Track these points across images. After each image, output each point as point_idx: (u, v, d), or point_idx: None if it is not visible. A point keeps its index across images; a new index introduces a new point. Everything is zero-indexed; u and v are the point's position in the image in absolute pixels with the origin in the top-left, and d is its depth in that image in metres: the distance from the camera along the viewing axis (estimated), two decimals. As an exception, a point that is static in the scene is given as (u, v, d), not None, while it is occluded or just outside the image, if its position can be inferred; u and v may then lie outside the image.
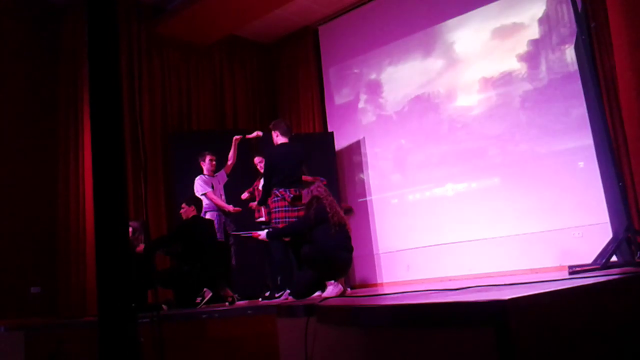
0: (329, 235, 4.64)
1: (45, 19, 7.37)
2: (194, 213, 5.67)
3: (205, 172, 6.21)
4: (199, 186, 6.11)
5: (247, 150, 6.80)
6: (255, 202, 6.08)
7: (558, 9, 6.38)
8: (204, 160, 6.23)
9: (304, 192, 4.89)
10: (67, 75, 7.28)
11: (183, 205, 5.72)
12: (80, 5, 7.10)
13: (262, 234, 5.01)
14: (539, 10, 6.61)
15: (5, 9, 6.96)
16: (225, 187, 6.34)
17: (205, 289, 5.31)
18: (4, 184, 6.64)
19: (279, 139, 5.33)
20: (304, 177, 5.44)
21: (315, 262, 4.60)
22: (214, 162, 6.25)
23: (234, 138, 6.30)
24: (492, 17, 7.02)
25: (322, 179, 5.77)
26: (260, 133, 5.79)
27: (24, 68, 7.10)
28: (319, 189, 4.87)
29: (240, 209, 6.21)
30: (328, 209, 4.73)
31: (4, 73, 6.87)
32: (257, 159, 6.25)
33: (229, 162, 6.34)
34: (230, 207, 6.11)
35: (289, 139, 5.35)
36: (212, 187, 6.14)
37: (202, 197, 6.01)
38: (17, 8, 7.11)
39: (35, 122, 7.12)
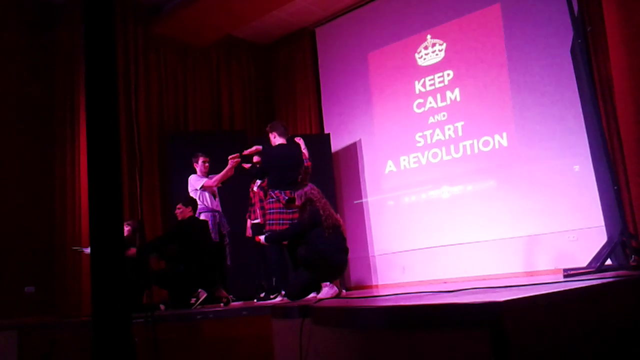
0: (324, 238, 4.65)
1: (41, 18, 7.36)
2: (190, 214, 5.66)
3: (198, 173, 6.20)
4: (194, 181, 6.09)
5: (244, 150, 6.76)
6: (248, 170, 5.99)
7: (554, 13, 6.39)
8: (197, 162, 6.20)
9: (298, 193, 4.88)
10: (64, 75, 7.27)
11: (180, 205, 5.69)
12: (77, 5, 7.09)
13: (262, 238, 5.07)
14: (535, 13, 6.62)
15: (1, 10, 6.94)
16: (219, 189, 6.31)
17: (200, 290, 5.30)
18: (1, 184, 6.62)
19: (276, 140, 5.33)
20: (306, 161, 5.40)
21: (311, 263, 4.61)
22: (207, 164, 6.22)
23: (230, 158, 5.99)
24: (488, 20, 7.04)
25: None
26: (259, 147, 5.65)
27: (20, 68, 7.08)
28: (312, 191, 4.86)
29: (239, 158, 5.96)
30: (321, 212, 4.73)
31: (0, 73, 6.85)
32: (255, 159, 6.23)
33: (222, 174, 6.17)
34: (232, 164, 5.92)
35: (287, 140, 5.36)
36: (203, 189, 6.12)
37: (200, 192, 5.98)
38: (13, 8, 7.09)
39: (31, 122, 7.10)
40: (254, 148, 5.70)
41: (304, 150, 5.41)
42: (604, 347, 1.95)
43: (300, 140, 5.50)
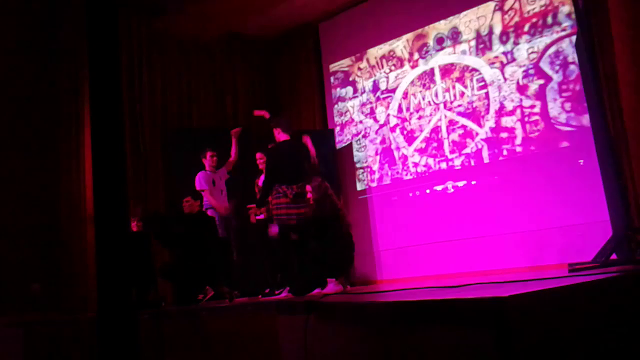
0: (341, 232, 4.65)
1: (45, 15, 7.36)
2: (198, 208, 5.71)
3: (207, 168, 6.22)
4: (198, 183, 6.12)
5: (248, 146, 6.78)
6: (254, 205, 6.05)
7: (559, 5, 6.37)
8: (205, 157, 6.22)
9: (313, 185, 4.82)
10: (68, 72, 7.28)
11: (189, 198, 5.75)
12: (81, 2, 7.09)
13: (276, 230, 4.93)
14: (540, 6, 6.59)
15: (5, 8, 6.95)
16: (227, 183, 6.33)
17: (207, 287, 5.32)
18: (6, 180, 6.65)
19: (280, 135, 5.32)
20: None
21: (319, 258, 4.60)
22: (215, 158, 6.24)
23: (232, 132, 6.26)
24: (492, 14, 7.01)
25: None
26: (267, 115, 5.68)
27: (25, 66, 7.09)
28: (325, 183, 4.86)
29: (231, 210, 6.17)
30: (339, 206, 4.75)
31: (5, 70, 6.87)
32: (258, 155, 6.24)
33: (230, 159, 6.33)
34: (223, 209, 6.07)
35: (290, 136, 5.35)
36: (214, 183, 6.14)
37: (202, 193, 6.03)
38: (17, 7, 7.10)
39: (36, 119, 7.12)
40: (262, 112, 5.71)
41: (311, 148, 5.41)
42: (609, 341, 1.94)
43: (307, 139, 5.49)
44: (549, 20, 6.53)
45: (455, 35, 7.36)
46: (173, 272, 5.61)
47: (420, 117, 7.57)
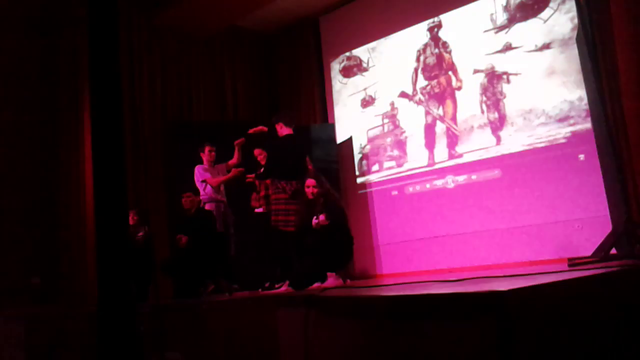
0: (339, 227, 4.67)
1: (46, 14, 7.35)
2: (196, 205, 5.73)
3: (205, 163, 6.21)
4: (198, 174, 6.12)
5: (247, 142, 6.76)
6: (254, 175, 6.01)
7: (561, 2, 6.36)
8: (204, 151, 6.22)
9: (314, 182, 4.82)
10: (68, 68, 7.26)
11: (190, 194, 5.78)
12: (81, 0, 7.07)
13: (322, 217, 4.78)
14: (541, 2, 6.58)
15: (5, 7, 6.93)
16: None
17: (208, 281, 5.34)
18: (6, 174, 6.66)
19: (283, 130, 5.30)
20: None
21: (319, 253, 4.60)
22: (213, 153, 6.23)
23: (235, 143, 6.18)
24: (493, 8, 6.99)
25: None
26: (265, 129, 5.69)
27: (25, 62, 7.09)
28: (322, 177, 4.87)
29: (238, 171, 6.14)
30: (337, 202, 4.77)
31: (5, 67, 6.86)
32: (257, 151, 6.22)
33: (232, 161, 6.24)
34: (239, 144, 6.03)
35: (293, 130, 5.34)
36: None
37: (202, 185, 6.02)
38: (17, 5, 7.09)
39: (37, 113, 7.12)
40: (259, 128, 5.72)
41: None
42: (608, 335, 1.95)
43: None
44: None
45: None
46: (173, 267, 5.62)
47: (422, 113, 7.58)
